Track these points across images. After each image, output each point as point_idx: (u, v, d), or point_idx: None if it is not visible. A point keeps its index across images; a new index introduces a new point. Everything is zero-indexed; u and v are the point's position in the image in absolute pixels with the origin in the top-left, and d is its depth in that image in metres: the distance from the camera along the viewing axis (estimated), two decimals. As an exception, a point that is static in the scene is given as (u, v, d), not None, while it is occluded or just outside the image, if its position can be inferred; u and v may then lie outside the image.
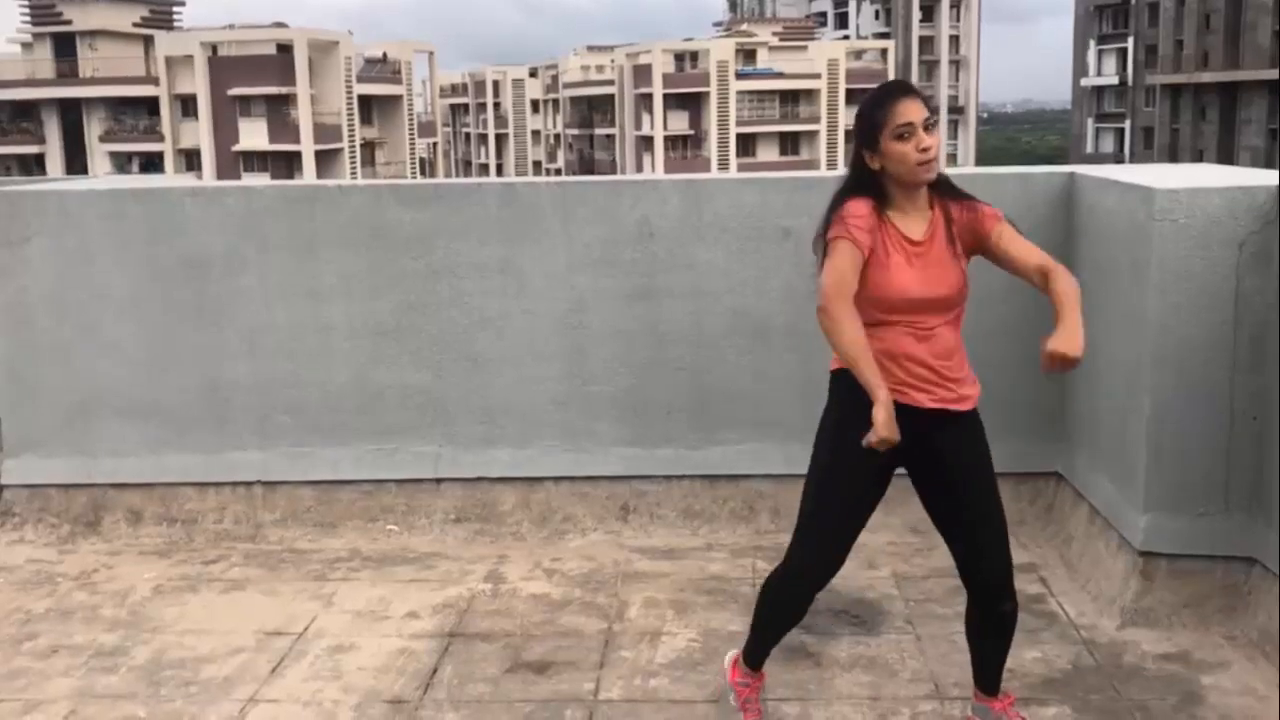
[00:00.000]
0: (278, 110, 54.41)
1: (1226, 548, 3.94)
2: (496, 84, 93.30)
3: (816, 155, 66.37)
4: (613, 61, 76.94)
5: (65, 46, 57.73)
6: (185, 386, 5.02)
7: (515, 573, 4.58)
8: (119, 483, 5.08)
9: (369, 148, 59.28)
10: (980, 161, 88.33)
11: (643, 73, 69.59)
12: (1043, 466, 4.85)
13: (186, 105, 55.27)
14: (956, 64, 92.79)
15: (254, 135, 54.54)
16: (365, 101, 58.52)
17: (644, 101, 69.88)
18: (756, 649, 3.33)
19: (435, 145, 71.86)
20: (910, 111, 2.91)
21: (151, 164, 55.02)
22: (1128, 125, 71.63)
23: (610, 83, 76.01)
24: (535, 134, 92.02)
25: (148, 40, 57.78)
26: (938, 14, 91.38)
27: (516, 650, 3.93)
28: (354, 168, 55.80)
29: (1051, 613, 4.11)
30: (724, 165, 64.75)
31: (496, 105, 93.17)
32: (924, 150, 2.91)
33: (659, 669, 3.77)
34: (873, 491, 3.11)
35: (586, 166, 76.80)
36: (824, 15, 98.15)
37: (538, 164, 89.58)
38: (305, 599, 4.39)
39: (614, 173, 67.69)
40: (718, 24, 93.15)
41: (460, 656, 3.90)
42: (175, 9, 63.55)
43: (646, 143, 69.85)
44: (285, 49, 54.55)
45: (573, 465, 4.99)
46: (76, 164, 54.84)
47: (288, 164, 54.00)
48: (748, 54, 71.04)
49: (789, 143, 69.74)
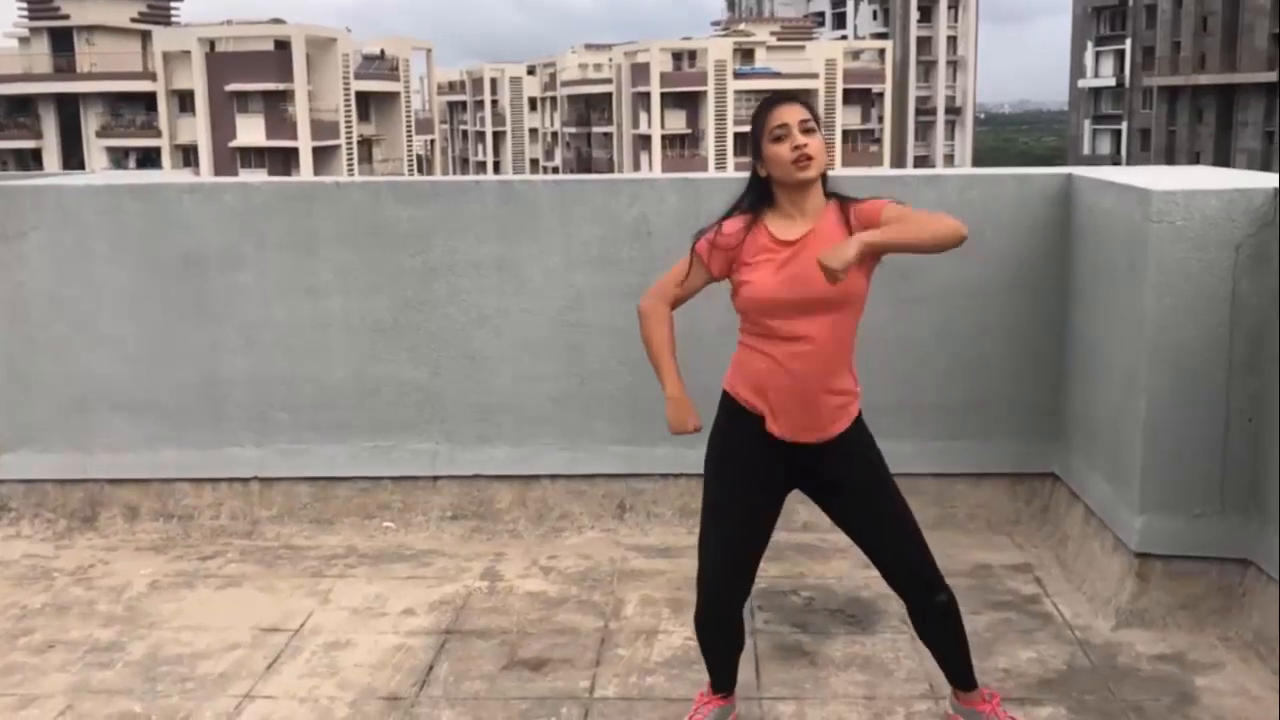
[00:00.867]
0: (275, 106, 54.32)
1: (1222, 549, 3.95)
2: (494, 81, 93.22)
3: (814, 155, 66.29)
4: (610, 60, 76.94)
5: (63, 41, 57.64)
6: (182, 382, 5.02)
7: (512, 570, 4.59)
8: (116, 478, 5.08)
9: (366, 145, 59.24)
10: (977, 162, 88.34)
11: (640, 71, 69.60)
12: (1038, 467, 4.87)
13: (184, 101, 55.18)
14: (954, 64, 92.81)
15: (251, 131, 54.45)
16: (363, 98, 58.47)
17: (641, 100, 69.89)
18: (711, 674, 3.33)
19: (433, 142, 71.87)
20: (784, 115, 3.01)
21: (149, 159, 54.93)
22: (1125, 127, 71.69)
23: (608, 81, 76.01)
24: (533, 132, 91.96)
25: (145, 36, 57.67)
26: (935, 14, 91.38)
27: (513, 648, 3.93)
28: (351, 165, 55.75)
29: (1046, 613, 4.11)
30: (721, 164, 64.70)
31: (494, 103, 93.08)
32: (796, 148, 2.97)
33: (655, 667, 3.78)
34: (761, 514, 3.14)
35: (584, 165, 76.79)
36: (822, 15, 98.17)
37: (535, 162, 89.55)
38: (302, 595, 4.39)
39: (611, 171, 67.67)
40: (716, 23, 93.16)
41: (456, 653, 3.90)
42: (173, 5, 63.48)
43: (644, 141, 69.84)
44: (283, 45, 54.47)
45: (569, 463, 5.00)
46: (73, 159, 54.74)
47: (285, 160, 53.95)
48: (745, 53, 71.08)
49: (786, 142, 69.54)
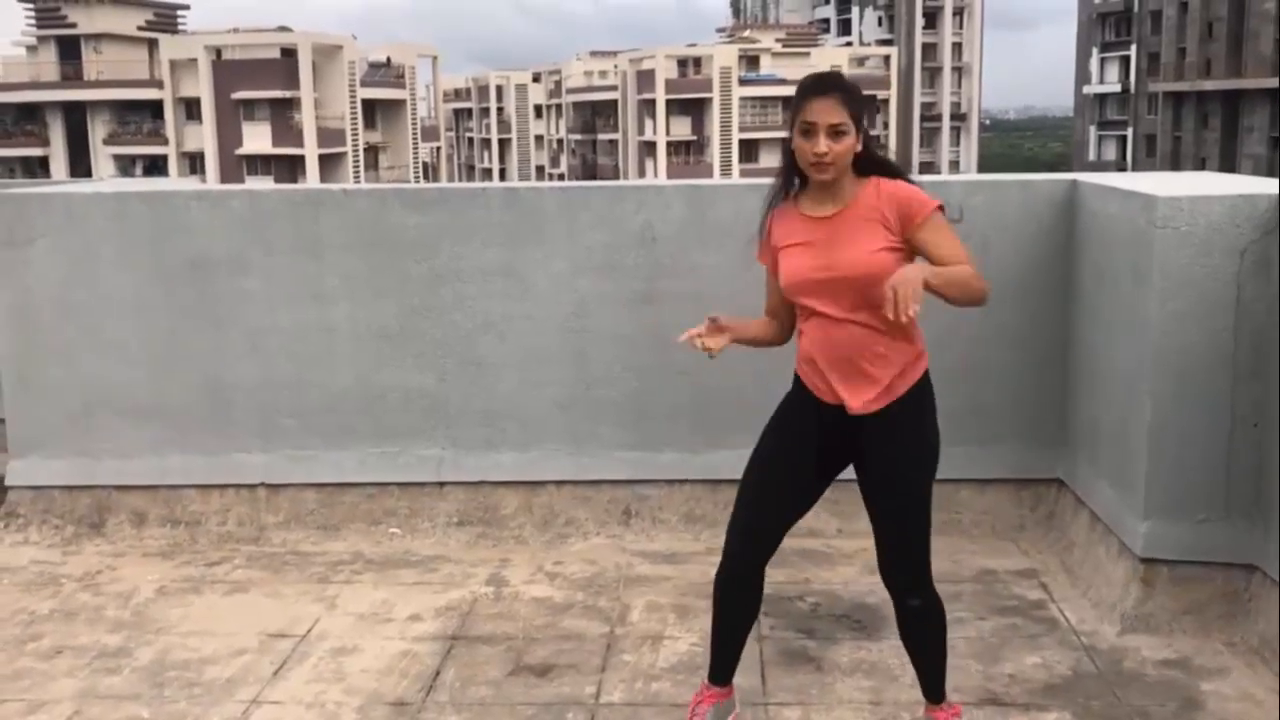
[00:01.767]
0: (281, 114, 54.49)
1: (1227, 554, 3.94)
2: (500, 89, 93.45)
3: (819, 161, 66.31)
4: (616, 67, 77.07)
5: (70, 50, 57.85)
6: (189, 388, 5.03)
7: (517, 576, 4.60)
8: (123, 484, 5.09)
9: (372, 152, 59.37)
10: (982, 168, 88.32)
11: (646, 78, 69.71)
12: (1044, 473, 4.87)
13: (190, 109, 55.38)
14: (959, 70, 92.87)
15: (258, 139, 54.62)
16: (369, 105, 58.60)
17: (647, 107, 69.98)
18: (713, 652, 3.32)
19: (438, 149, 71.99)
20: (816, 112, 2.89)
21: (155, 167, 55.11)
22: (1130, 133, 71.63)
23: (613, 88, 76.14)
24: (538, 139, 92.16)
25: (152, 44, 57.91)
26: (941, 21, 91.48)
27: (518, 653, 3.94)
28: (357, 172, 55.87)
29: (1052, 619, 4.11)
30: (726, 171, 64.73)
31: (500, 110, 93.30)
32: (818, 154, 2.91)
33: (661, 673, 3.78)
34: (787, 478, 3.13)
35: (589, 171, 76.86)
36: (827, 22, 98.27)
37: (540, 169, 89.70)
38: (308, 601, 4.40)
39: (616, 178, 67.73)
40: (721, 30, 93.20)
41: (462, 659, 3.91)
42: (179, 13, 63.74)
43: (649, 148, 69.94)
44: (289, 53, 54.65)
45: (575, 469, 5.00)
46: (80, 167, 54.95)
47: (291, 168, 54.06)
48: (751, 60, 71.17)
49: (791, 149, 69.64)
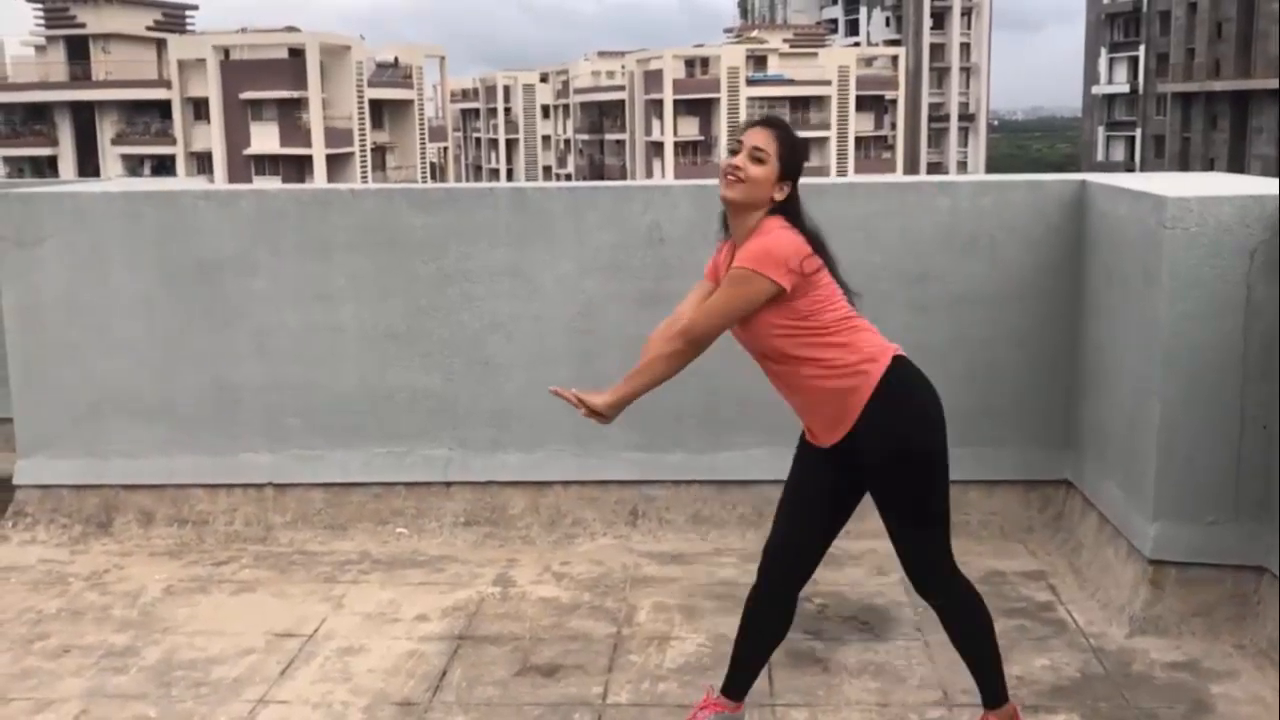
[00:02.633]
0: (289, 114, 54.56)
1: (1236, 556, 3.93)
2: (507, 89, 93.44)
3: (827, 162, 66.34)
4: (623, 67, 77.01)
5: (78, 49, 57.97)
6: (197, 388, 5.04)
7: (524, 576, 4.60)
8: (130, 484, 5.10)
9: (380, 152, 59.43)
10: (991, 169, 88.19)
11: (653, 78, 69.68)
12: (1052, 474, 4.86)
13: (198, 109, 55.46)
14: (967, 71, 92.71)
15: (265, 139, 54.70)
16: (376, 106, 58.66)
17: (654, 107, 69.95)
18: (731, 668, 3.31)
19: (446, 150, 72.01)
20: (748, 136, 3.06)
21: (163, 167, 55.22)
22: (1139, 133, 71.50)
23: (621, 88, 76.10)
24: (546, 139, 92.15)
25: (160, 44, 58.01)
26: (948, 21, 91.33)
27: (525, 653, 3.94)
28: (365, 172, 55.93)
29: (1060, 620, 4.10)
30: (734, 171, 64.59)
31: (507, 110, 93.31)
32: (731, 166, 3.04)
33: (667, 673, 3.78)
34: (806, 503, 3.20)
35: (597, 172, 76.87)
36: (835, 22, 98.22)
37: (548, 169, 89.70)
38: (315, 601, 4.40)
39: (624, 178, 67.78)
40: (728, 30, 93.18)
41: (469, 659, 3.91)
42: (188, 13, 63.87)
43: (657, 148, 69.89)
44: (297, 53, 54.71)
45: (582, 470, 5.00)
46: (89, 166, 55.07)
47: (299, 168, 54.14)
48: (758, 60, 71.10)
49: (799, 149, 69.70)
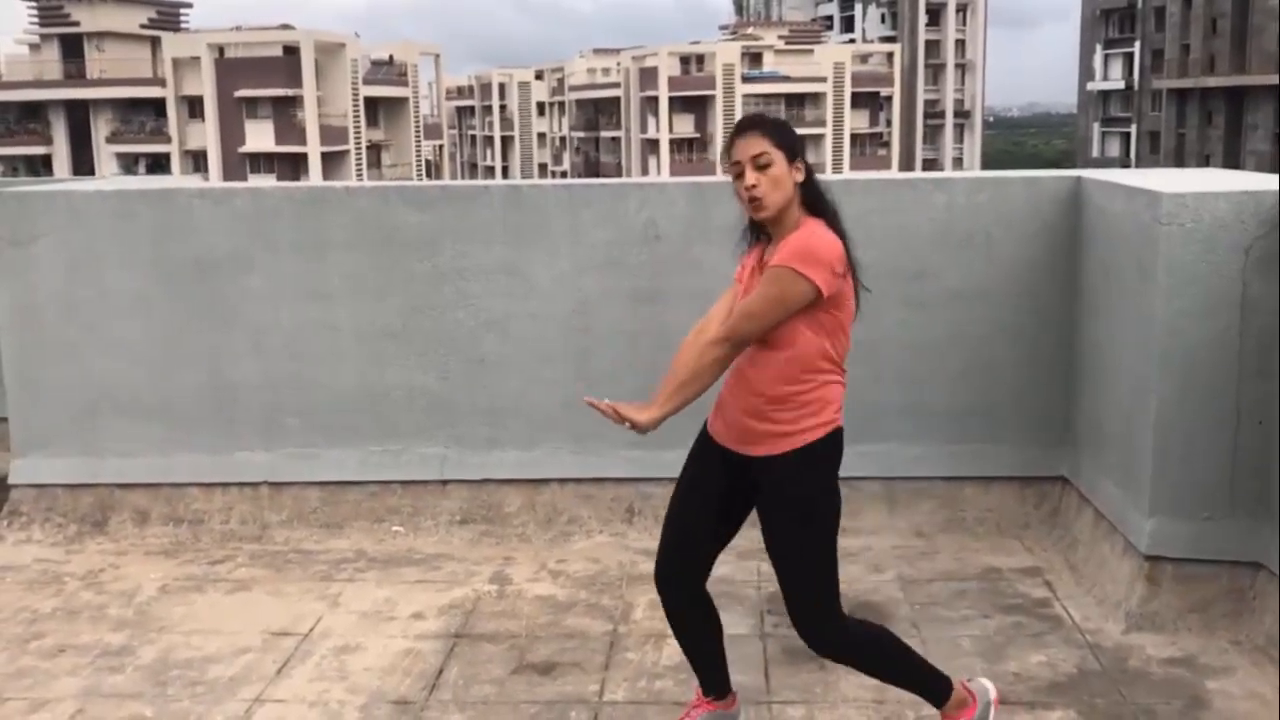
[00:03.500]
0: (284, 112, 54.46)
1: (1232, 552, 3.94)
2: (503, 86, 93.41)
3: (822, 159, 66.28)
4: (619, 64, 77.00)
5: (73, 48, 57.86)
6: (192, 387, 5.03)
7: (521, 574, 4.59)
8: (126, 483, 5.09)
9: (375, 150, 59.35)
10: (986, 165, 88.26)
11: (649, 75, 69.65)
12: (1048, 470, 4.86)
13: (193, 107, 55.34)
14: (962, 68, 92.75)
15: (260, 137, 54.60)
16: (371, 103, 58.57)
17: (650, 104, 69.94)
18: (694, 671, 3.30)
19: (441, 147, 71.99)
20: (739, 150, 2.86)
21: (158, 165, 55.13)
22: (1134, 129, 71.47)
23: (616, 85, 76.09)
24: (541, 136, 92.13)
25: (155, 42, 57.88)
26: (944, 18, 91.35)
27: (522, 652, 3.94)
28: (360, 170, 55.85)
29: (1056, 616, 4.11)
30: (730, 168, 64.60)
31: (503, 108, 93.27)
32: (747, 188, 2.85)
33: (664, 671, 3.78)
34: (695, 496, 3.11)
35: (592, 169, 76.89)
36: (830, 19, 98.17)
37: (543, 166, 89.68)
38: (311, 599, 4.40)
39: (619, 175, 67.73)
40: (724, 27, 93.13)
41: (466, 658, 3.90)
42: (182, 11, 63.74)
43: (652, 145, 69.90)
44: (292, 51, 54.59)
45: (578, 467, 5.00)
46: (83, 165, 54.95)
47: (294, 166, 54.07)
48: (754, 57, 71.10)
49: (795, 146, 69.68)
